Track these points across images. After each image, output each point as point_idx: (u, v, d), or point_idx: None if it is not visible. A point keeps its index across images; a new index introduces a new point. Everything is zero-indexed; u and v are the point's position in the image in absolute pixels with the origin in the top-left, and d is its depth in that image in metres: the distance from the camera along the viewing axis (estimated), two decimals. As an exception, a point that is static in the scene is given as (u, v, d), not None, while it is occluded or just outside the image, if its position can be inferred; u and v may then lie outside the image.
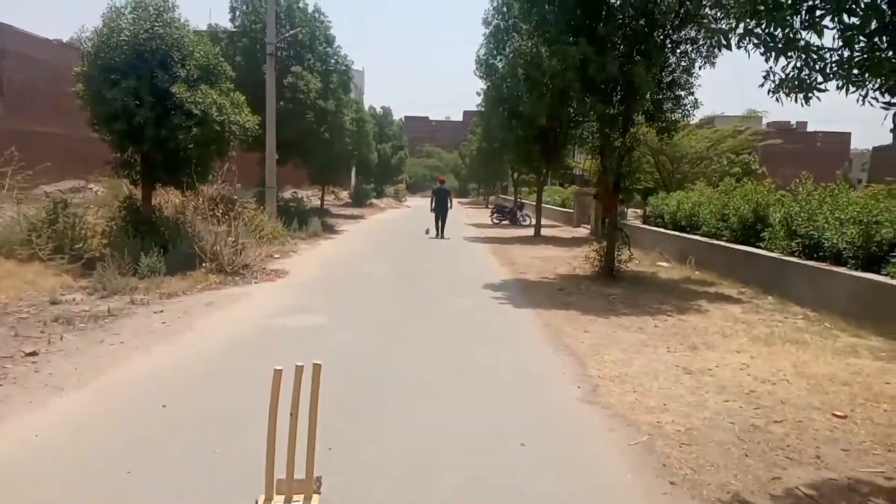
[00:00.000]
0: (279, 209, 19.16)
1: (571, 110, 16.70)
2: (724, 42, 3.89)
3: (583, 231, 26.85)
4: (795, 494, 3.94)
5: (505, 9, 22.26)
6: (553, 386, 6.07)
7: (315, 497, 3.48)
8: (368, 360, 6.75)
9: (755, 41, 3.73)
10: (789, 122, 78.11)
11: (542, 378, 6.35)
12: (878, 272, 8.94)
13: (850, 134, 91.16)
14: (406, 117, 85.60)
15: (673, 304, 10.23)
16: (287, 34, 20.05)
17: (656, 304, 10.22)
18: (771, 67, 3.75)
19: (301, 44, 21.44)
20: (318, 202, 32.26)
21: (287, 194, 27.27)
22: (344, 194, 46.17)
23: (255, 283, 11.39)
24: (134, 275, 10.29)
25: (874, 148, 69.51)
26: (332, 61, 22.92)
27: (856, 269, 9.37)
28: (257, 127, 13.06)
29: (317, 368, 3.44)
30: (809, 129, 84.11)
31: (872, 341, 7.84)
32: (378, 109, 49.02)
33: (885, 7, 3.24)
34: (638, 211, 24.59)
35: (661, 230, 17.87)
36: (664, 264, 15.31)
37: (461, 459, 4.32)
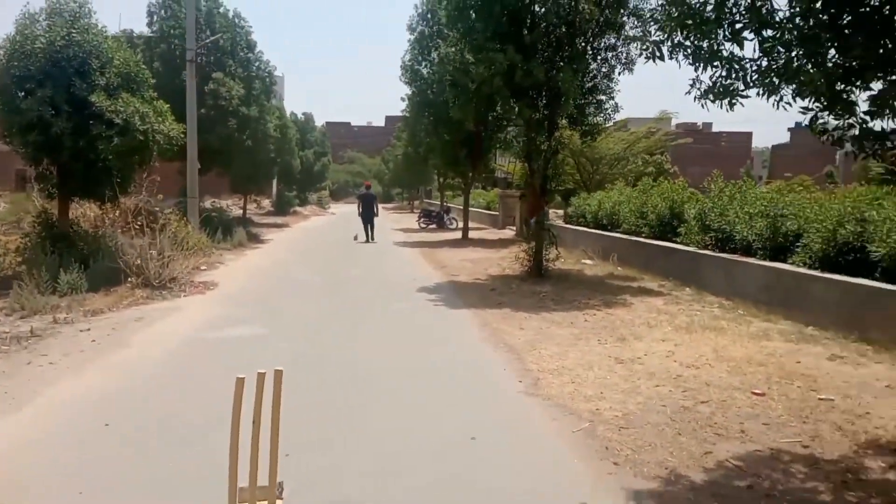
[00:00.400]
0: (202, 220, 18.67)
1: (496, 115, 17.16)
2: (658, 53, 4.20)
3: (508, 232, 27.42)
4: (725, 466, 4.30)
5: (429, 15, 22.54)
6: (496, 381, 6.30)
7: (279, 502, 3.54)
8: (308, 368, 6.76)
9: (685, 52, 4.06)
10: (696, 123, 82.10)
11: (485, 374, 6.56)
12: (784, 261, 9.68)
13: (751, 133, 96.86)
14: (328, 123, 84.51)
15: (600, 299, 10.70)
16: (208, 40, 19.57)
17: (584, 300, 10.66)
18: (698, 76, 4.10)
19: (222, 49, 20.96)
20: (241, 211, 31.53)
21: (207, 204, 26.53)
22: (266, 203, 45.22)
23: (184, 296, 11.11)
24: (53, 292, 9.85)
25: (773, 146, 74.13)
26: (255, 67, 22.53)
27: (764, 259, 10.10)
28: (182, 135, 12.74)
29: (278, 375, 3.50)
30: (714, 129, 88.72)
31: (782, 325, 8.50)
32: (300, 115, 48.32)
33: (799, 21, 3.61)
34: (558, 211, 25.38)
35: (584, 229, 18.55)
36: (588, 262, 15.92)
37: (414, 458, 4.45)
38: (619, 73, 12.96)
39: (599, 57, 12.80)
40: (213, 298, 11.00)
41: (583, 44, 12.36)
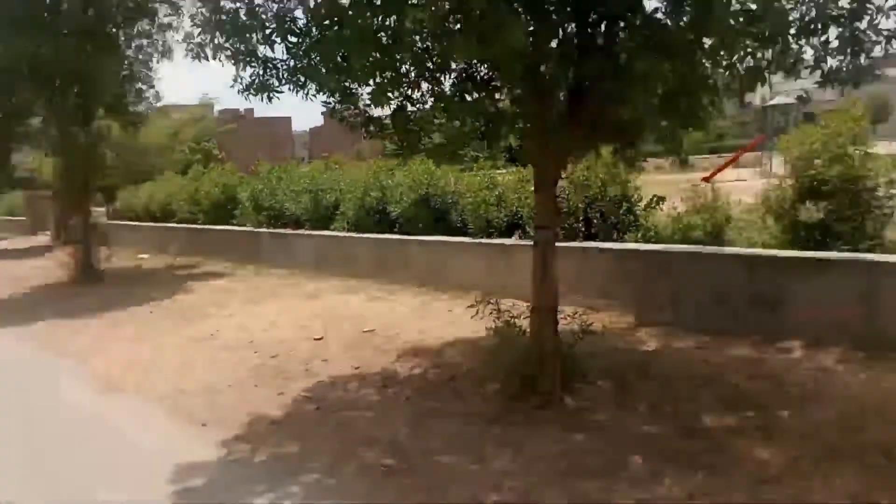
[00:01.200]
0: None
1: (14, 104, 14.76)
2: (203, 54, 4.54)
3: (43, 238, 24.05)
4: (297, 399, 5.14)
5: None
6: (69, 388, 6.05)
7: None
8: None
9: (226, 53, 4.51)
10: (238, 109, 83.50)
11: (58, 384, 6.24)
12: (328, 228, 11.18)
13: (290, 118, 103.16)
14: None
15: (163, 290, 10.55)
16: None
17: (146, 294, 10.33)
18: (238, 73, 4.60)
19: None
20: None
21: None
22: None
23: None
24: None
25: (311, 129, 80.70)
26: None
27: (312, 230, 11.47)
28: None
29: None
30: (257, 115, 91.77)
31: (332, 282, 9.89)
32: None
33: (315, 30, 4.39)
34: (101, 209, 23.42)
35: (137, 223, 17.78)
36: (145, 256, 15.36)
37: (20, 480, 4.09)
38: (158, 61, 12.66)
39: (134, 44, 12.24)
40: None
41: (114, 29, 11.66)
